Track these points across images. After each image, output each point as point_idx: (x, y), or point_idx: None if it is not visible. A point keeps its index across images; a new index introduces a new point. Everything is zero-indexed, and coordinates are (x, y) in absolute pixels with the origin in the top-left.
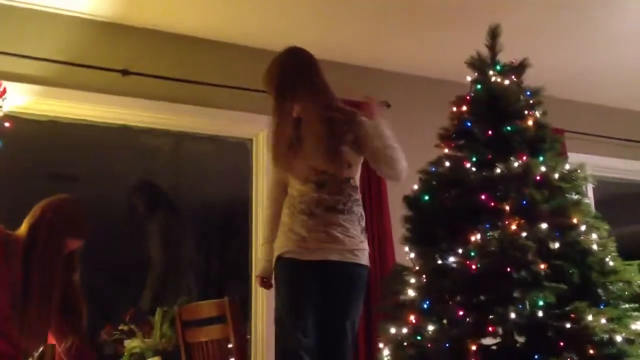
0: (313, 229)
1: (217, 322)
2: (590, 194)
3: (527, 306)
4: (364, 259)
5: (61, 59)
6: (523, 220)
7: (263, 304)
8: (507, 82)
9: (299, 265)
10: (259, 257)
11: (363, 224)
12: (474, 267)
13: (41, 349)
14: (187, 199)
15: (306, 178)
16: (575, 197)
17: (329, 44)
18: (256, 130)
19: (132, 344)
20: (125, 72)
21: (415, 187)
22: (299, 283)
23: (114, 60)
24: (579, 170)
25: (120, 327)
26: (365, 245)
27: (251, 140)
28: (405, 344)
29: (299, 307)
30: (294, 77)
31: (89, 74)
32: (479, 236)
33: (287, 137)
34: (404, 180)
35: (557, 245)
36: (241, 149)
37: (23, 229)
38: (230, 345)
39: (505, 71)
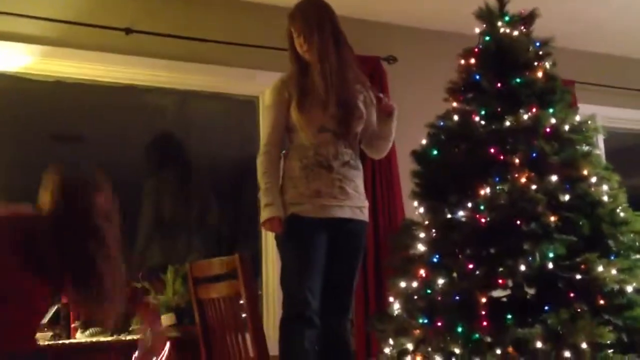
0: (329, 184)
1: (228, 279)
2: (601, 145)
3: (537, 258)
4: (367, 216)
5: (65, 18)
6: (533, 173)
7: (273, 261)
8: (515, 33)
9: (312, 223)
10: (265, 202)
11: None
12: (483, 220)
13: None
14: (195, 157)
15: (323, 126)
16: (586, 148)
17: None
18: (262, 87)
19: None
20: (129, 31)
21: (424, 141)
22: (311, 242)
23: (118, 19)
24: (589, 122)
25: (132, 285)
26: (367, 202)
27: (257, 97)
28: (415, 297)
29: (309, 267)
30: (321, 24)
31: (93, 33)
32: (488, 190)
33: (308, 81)
34: None
35: (567, 197)
36: (248, 107)
37: (45, 200)
38: (241, 302)
39: (514, 22)
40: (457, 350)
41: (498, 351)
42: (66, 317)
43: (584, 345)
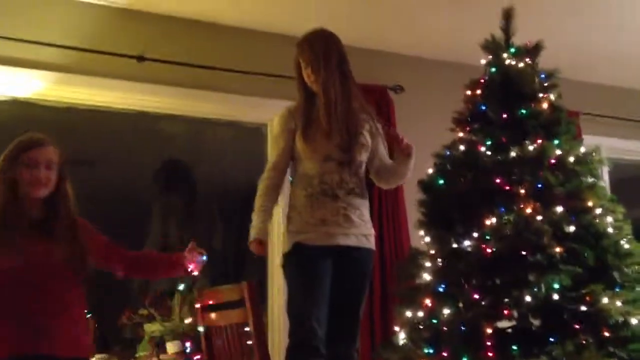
0: (334, 212)
1: (235, 306)
2: (606, 176)
3: (543, 289)
4: (373, 244)
5: (78, 45)
6: (538, 204)
7: (280, 287)
8: (521, 64)
9: (317, 251)
10: (253, 223)
11: None
12: (489, 250)
13: None
14: (203, 183)
15: (328, 155)
16: (590, 180)
17: (343, 28)
18: (271, 115)
19: (152, 328)
20: (141, 59)
21: (430, 171)
22: (316, 270)
23: (130, 47)
24: (594, 153)
25: (140, 312)
26: (373, 230)
27: (266, 124)
28: (421, 326)
29: (316, 295)
30: (328, 55)
31: (106, 61)
32: (494, 220)
33: (315, 110)
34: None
35: (572, 228)
36: (257, 134)
37: None
38: (247, 329)
39: (520, 53)
40: None
41: None
42: None
43: None
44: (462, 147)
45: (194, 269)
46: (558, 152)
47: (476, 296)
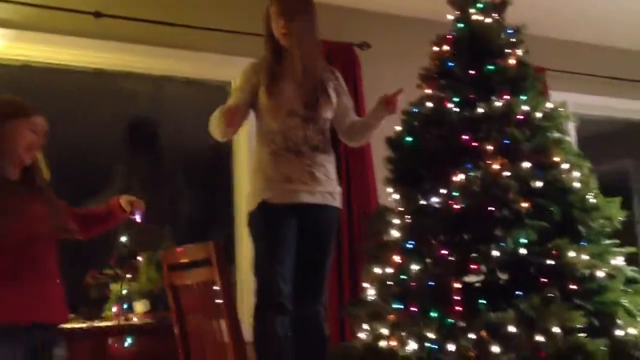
0: (298, 169)
1: (202, 266)
2: (572, 132)
3: (510, 244)
4: (340, 202)
5: (33, 1)
6: (505, 160)
7: (247, 247)
8: (488, 20)
9: (282, 209)
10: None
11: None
12: (456, 206)
13: None
14: (166, 143)
15: (292, 111)
16: (557, 135)
17: None
18: (235, 72)
19: (118, 287)
20: (98, 14)
21: (398, 128)
22: (281, 228)
23: (87, 3)
24: (560, 109)
25: (104, 271)
26: (339, 187)
27: (230, 83)
28: (389, 283)
29: (281, 253)
30: (304, 8)
31: (62, 17)
32: (461, 176)
33: (282, 65)
34: None
35: (538, 183)
36: (220, 92)
37: None
38: (216, 288)
39: (487, 9)
40: (431, 335)
41: (471, 336)
42: None
43: (555, 329)
44: (429, 104)
45: (139, 217)
46: (525, 108)
47: (444, 252)
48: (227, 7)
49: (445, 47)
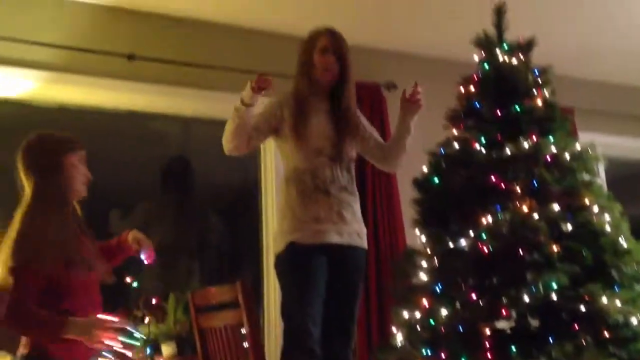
0: (327, 209)
1: (230, 307)
2: (602, 173)
3: (541, 288)
4: (366, 242)
5: (68, 44)
6: (534, 201)
7: (275, 287)
8: (514, 60)
9: (310, 249)
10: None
11: None
12: (485, 249)
13: None
14: (197, 183)
15: (319, 149)
16: (587, 177)
17: (334, 25)
18: None
19: (146, 330)
20: (131, 57)
21: (425, 169)
22: (311, 269)
23: (120, 45)
24: (589, 150)
25: (134, 313)
26: (365, 228)
27: None
28: (418, 327)
29: (311, 295)
30: (346, 45)
31: (96, 60)
32: (489, 218)
33: (311, 101)
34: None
35: (569, 226)
36: None
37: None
38: (243, 330)
39: (513, 50)
40: None
41: None
42: None
43: None
44: (456, 145)
45: (147, 259)
46: (553, 149)
47: (473, 296)
48: (253, 50)
49: (472, 88)
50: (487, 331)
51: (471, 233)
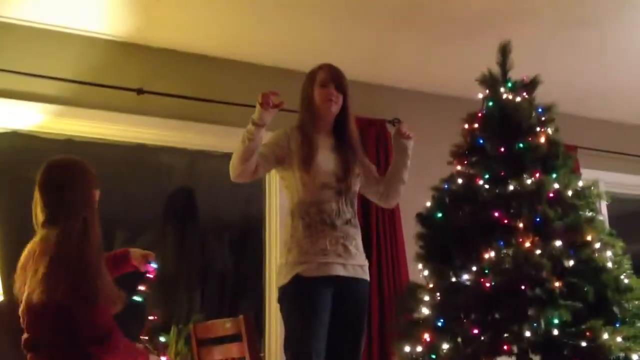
0: (334, 242)
1: (232, 340)
2: (604, 210)
3: (542, 324)
4: (368, 275)
5: (77, 78)
6: (537, 238)
7: (277, 321)
8: (518, 98)
9: (316, 282)
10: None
11: None
12: (488, 284)
13: None
14: (201, 215)
15: (325, 183)
16: (589, 214)
17: (339, 61)
18: None
19: None
20: (140, 91)
21: (428, 204)
22: (315, 302)
23: (130, 80)
24: (592, 187)
25: (136, 345)
26: (367, 260)
27: None
28: None
29: (316, 328)
30: (345, 79)
31: (105, 93)
32: (492, 253)
33: (316, 135)
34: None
35: (571, 262)
36: None
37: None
38: None
39: (517, 88)
40: None
41: None
42: None
43: None
44: (460, 180)
45: (150, 274)
46: (556, 186)
47: (475, 331)
48: (260, 85)
49: (476, 125)
50: None
51: (474, 268)
